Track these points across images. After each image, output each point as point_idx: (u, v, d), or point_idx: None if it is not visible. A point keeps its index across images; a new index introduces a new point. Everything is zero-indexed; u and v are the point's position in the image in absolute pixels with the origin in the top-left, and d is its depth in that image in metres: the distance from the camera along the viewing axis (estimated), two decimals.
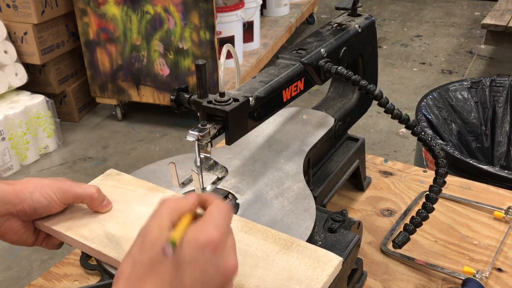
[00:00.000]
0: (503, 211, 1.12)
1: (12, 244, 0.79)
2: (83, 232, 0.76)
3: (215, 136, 0.75)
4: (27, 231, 0.79)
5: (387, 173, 1.28)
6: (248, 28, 3.65)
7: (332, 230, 0.84)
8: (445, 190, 1.18)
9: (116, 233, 0.76)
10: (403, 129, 3.27)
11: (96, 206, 0.79)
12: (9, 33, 3.11)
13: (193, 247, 0.57)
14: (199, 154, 0.76)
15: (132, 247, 0.59)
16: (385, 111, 0.93)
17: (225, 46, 0.79)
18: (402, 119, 0.93)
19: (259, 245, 0.71)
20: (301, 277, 0.66)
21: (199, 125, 0.75)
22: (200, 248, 0.56)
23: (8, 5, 3.08)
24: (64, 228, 0.77)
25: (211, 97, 0.77)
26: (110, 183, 0.87)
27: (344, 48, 1.02)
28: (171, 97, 0.84)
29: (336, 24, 1.08)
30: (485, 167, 1.67)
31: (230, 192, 0.87)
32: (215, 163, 0.81)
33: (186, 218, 0.60)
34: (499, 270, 0.99)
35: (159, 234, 0.58)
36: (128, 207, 0.81)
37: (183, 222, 0.59)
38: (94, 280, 0.99)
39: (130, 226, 0.77)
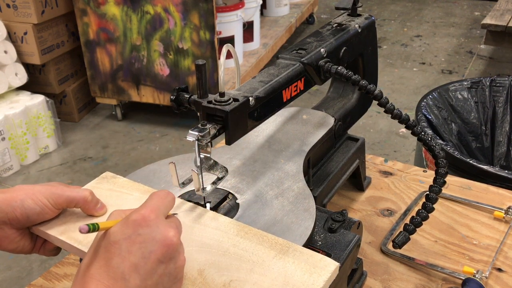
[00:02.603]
0: (503, 211, 1.12)
1: (10, 253, 0.79)
2: (77, 236, 0.75)
3: (215, 136, 0.75)
4: (23, 238, 0.78)
5: (387, 173, 1.28)
6: (248, 28, 3.65)
7: (332, 230, 0.84)
8: (445, 190, 1.19)
9: None
10: (403, 129, 3.27)
11: (90, 209, 0.78)
12: (9, 33, 3.11)
13: (125, 224, 0.63)
14: (199, 154, 0.76)
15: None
16: (385, 111, 0.93)
17: (225, 46, 0.79)
18: (402, 119, 0.93)
19: (255, 250, 0.71)
20: (297, 283, 0.66)
21: (199, 125, 0.74)
22: (130, 224, 0.62)
23: (8, 5, 3.08)
24: (59, 232, 0.76)
25: (211, 97, 0.77)
26: (106, 186, 0.86)
27: (344, 48, 1.02)
28: (171, 97, 0.84)
29: (336, 24, 1.08)
30: (485, 167, 1.67)
31: (230, 192, 0.87)
32: (215, 163, 0.81)
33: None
34: (499, 270, 0.99)
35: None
36: None
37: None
38: None
39: None
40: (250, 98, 0.79)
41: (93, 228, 0.61)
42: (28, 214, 0.74)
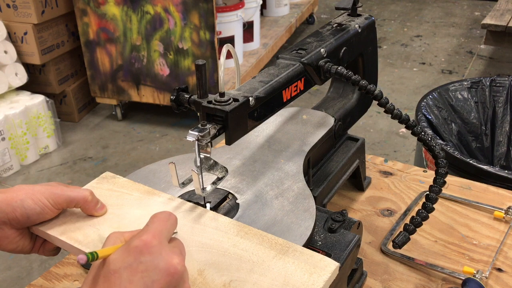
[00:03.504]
0: (503, 211, 1.12)
1: (9, 253, 0.78)
2: (78, 236, 0.75)
3: (215, 136, 0.75)
4: (23, 238, 0.78)
5: (387, 173, 1.28)
6: (248, 28, 3.65)
7: (332, 230, 0.84)
8: (445, 190, 1.18)
9: None
10: (403, 129, 3.27)
11: (90, 209, 0.78)
12: (9, 33, 3.11)
13: (126, 252, 0.59)
14: (199, 154, 0.76)
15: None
16: (385, 111, 0.93)
17: (225, 46, 0.79)
18: (402, 119, 0.93)
19: (255, 250, 0.71)
20: (297, 283, 0.66)
21: (199, 125, 0.74)
22: (131, 251, 0.59)
23: (8, 5, 3.08)
24: (59, 232, 0.76)
25: (211, 97, 0.77)
26: (106, 186, 0.86)
27: (344, 48, 1.02)
28: (171, 97, 0.84)
29: (336, 24, 1.08)
30: (485, 167, 1.67)
31: (230, 192, 0.87)
32: (215, 163, 0.81)
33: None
34: (499, 270, 0.99)
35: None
36: (123, 211, 0.80)
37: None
38: None
39: (125, 230, 0.76)
40: (250, 98, 0.79)
41: (92, 257, 0.57)
42: (28, 214, 0.74)
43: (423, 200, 0.94)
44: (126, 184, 0.86)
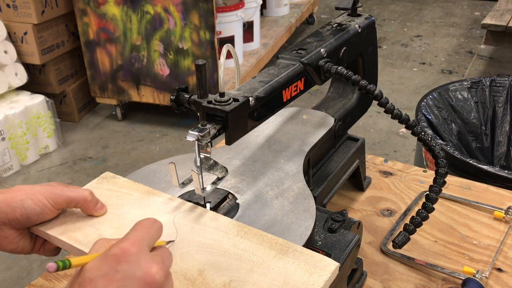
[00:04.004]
0: (503, 211, 1.12)
1: (10, 253, 0.78)
2: (78, 236, 0.75)
3: (215, 136, 0.75)
4: (23, 239, 0.78)
5: (387, 173, 1.28)
6: (248, 28, 3.65)
7: (332, 230, 0.84)
8: (445, 190, 1.18)
9: (111, 237, 0.74)
10: (403, 129, 3.27)
11: (90, 209, 0.78)
12: (9, 33, 3.11)
13: (102, 259, 0.57)
14: (199, 154, 0.76)
15: None
16: (385, 111, 0.93)
17: (225, 46, 0.79)
18: (402, 119, 0.93)
19: (255, 250, 0.71)
20: (297, 283, 0.66)
21: (199, 125, 0.74)
22: (108, 259, 0.57)
23: (8, 5, 3.08)
24: (59, 232, 0.76)
25: (211, 97, 0.77)
26: (106, 186, 0.86)
27: (344, 48, 1.02)
28: (171, 97, 0.84)
29: (336, 24, 1.08)
30: (485, 167, 1.67)
31: (230, 192, 0.87)
32: (215, 163, 0.81)
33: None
34: (499, 270, 0.99)
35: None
36: (123, 211, 0.80)
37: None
38: None
39: (125, 230, 0.75)
40: (250, 98, 0.79)
41: (63, 265, 0.55)
42: (28, 215, 0.74)
43: (423, 200, 0.94)
44: (126, 184, 0.86)
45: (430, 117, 2.06)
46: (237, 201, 0.85)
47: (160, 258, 0.60)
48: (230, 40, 3.44)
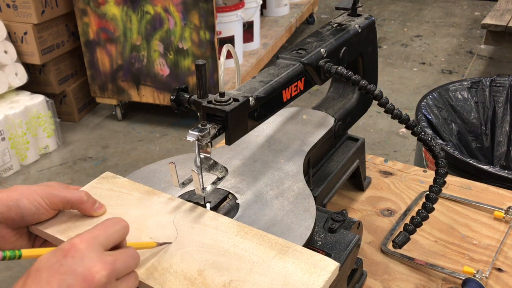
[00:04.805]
0: (503, 211, 1.12)
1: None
2: None
3: (215, 136, 0.75)
4: (20, 238, 0.77)
5: (387, 173, 1.28)
6: (248, 28, 3.65)
7: (332, 230, 0.84)
8: (445, 190, 1.18)
9: None
10: (403, 129, 3.27)
11: (88, 210, 0.77)
12: (9, 33, 3.11)
13: (52, 253, 0.58)
14: (199, 154, 0.76)
15: None
16: (385, 111, 0.93)
17: (225, 46, 0.79)
18: (402, 119, 0.93)
19: (255, 250, 0.71)
20: (297, 283, 0.66)
21: (199, 125, 0.74)
22: (58, 252, 0.58)
23: (8, 5, 3.08)
24: (58, 231, 0.76)
25: (211, 97, 0.77)
26: (106, 186, 0.86)
27: (344, 48, 1.02)
28: (171, 97, 0.84)
29: (336, 24, 1.08)
30: (485, 167, 1.67)
31: (230, 192, 0.87)
32: (215, 163, 0.81)
33: None
34: (499, 270, 0.99)
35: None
36: (123, 211, 0.80)
37: None
38: None
39: None
40: (250, 98, 0.79)
41: (12, 256, 0.56)
42: (23, 214, 0.73)
43: (423, 200, 0.94)
44: (126, 184, 0.86)
45: (430, 117, 2.06)
46: (237, 201, 0.85)
47: (111, 259, 0.60)
48: (230, 40, 3.44)
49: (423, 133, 0.94)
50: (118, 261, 0.61)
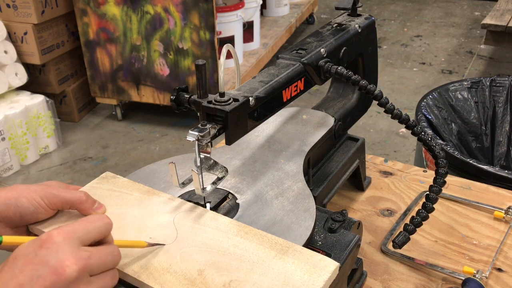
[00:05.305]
0: (503, 211, 1.11)
1: (7, 251, 0.78)
2: None
3: (215, 136, 0.75)
4: None
5: (387, 173, 1.28)
6: (248, 28, 3.65)
7: (332, 230, 0.84)
8: (445, 190, 1.18)
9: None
10: (403, 129, 3.27)
11: (87, 210, 0.77)
12: (9, 33, 3.11)
13: (32, 241, 0.59)
14: (199, 154, 0.76)
15: None
16: (385, 111, 0.93)
17: (225, 46, 0.79)
18: (402, 119, 0.93)
19: (255, 250, 0.71)
20: (297, 283, 0.66)
21: (199, 125, 0.74)
22: (36, 242, 0.59)
23: (8, 5, 3.08)
24: None
25: (211, 97, 0.77)
26: (106, 186, 0.86)
27: (344, 48, 1.02)
28: (171, 97, 0.84)
29: (336, 24, 1.08)
30: (485, 167, 1.67)
31: (230, 192, 0.87)
32: (215, 163, 0.81)
33: None
34: (499, 270, 0.99)
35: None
36: (123, 211, 0.80)
37: None
38: None
39: (125, 230, 0.76)
40: (250, 98, 0.79)
41: None
42: (21, 213, 0.73)
43: (423, 200, 0.94)
44: (126, 184, 0.86)
45: (430, 117, 2.06)
46: (237, 201, 0.85)
47: (86, 254, 0.60)
48: (230, 40, 3.44)
49: (423, 133, 0.94)
50: (94, 257, 0.61)
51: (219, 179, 0.81)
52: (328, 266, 0.68)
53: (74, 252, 0.59)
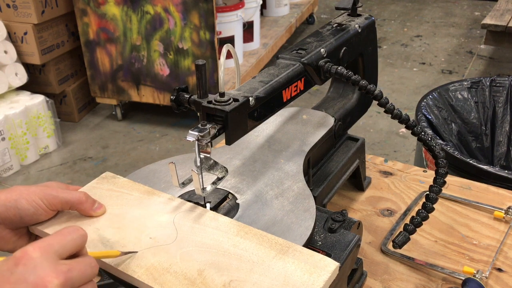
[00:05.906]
0: (503, 211, 1.12)
1: (9, 253, 0.78)
2: None
3: (215, 136, 0.75)
4: (20, 239, 0.77)
5: (387, 173, 1.28)
6: (248, 28, 3.65)
7: (332, 230, 0.84)
8: (445, 190, 1.18)
9: (111, 237, 0.75)
10: (403, 129, 3.27)
11: (87, 210, 0.77)
12: (9, 33, 3.11)
13: (6, 260, 0.57)
14: (199, 154, 0.76)
15: None
16: (385, 111, 0.93)
17: (225, 46, 0.79)
18: (402, 119, 0.93)
19: (255, 250, 0.71)
20: (297, 283, 0.66)
21: (199, 125, 0.74)
22: (10, 260, 0.57)
23: (8, 5, 3.08)
24: None
25: (211, 97, 0.77)
26: (106, 186, 0.86)
27: (344, 48, 1.02)
28: (171, 97, 0.84)
29: (336, 24, 1.08)
30: (485, 167, 1.67)
31: (230, 192, 0.87)
32: (215, 163, 0.81)
33: None
34: (499, 270, 0.99)
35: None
36: (123, 211, 0.80)
37: None
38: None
39: (125, 230, 0.76)
40: (250, 98, 0.79)
41: None
42: (21, 215, 0.73)
43: (423, 200, 0.94)
44: (126, 184, 0.86)
45: (430, 117, 2.06)
46: (237, 201, 0.85)
47: (65, 268, 0.59)
48: (230, 40, 3.44)
49: (423, 133, 0.94)
50: (74, 270, 0.60)
51: (219, 179, 0.81)
52: (328, 266, 0.68)
53: (53, 267, 0.58)
